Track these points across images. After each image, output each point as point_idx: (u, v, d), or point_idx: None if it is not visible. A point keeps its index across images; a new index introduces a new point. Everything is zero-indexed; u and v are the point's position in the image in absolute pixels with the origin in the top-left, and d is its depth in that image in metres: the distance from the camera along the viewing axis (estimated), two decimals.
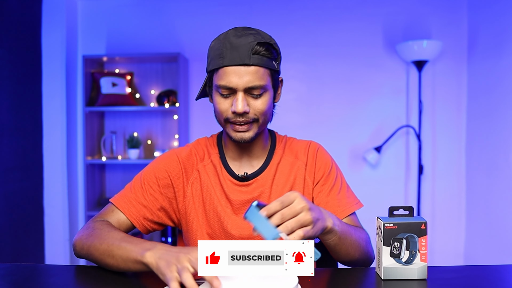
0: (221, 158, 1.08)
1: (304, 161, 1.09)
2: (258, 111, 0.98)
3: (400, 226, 0.83)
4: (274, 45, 0.98)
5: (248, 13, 2.91)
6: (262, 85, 0.96)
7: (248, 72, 0.94)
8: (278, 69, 1.01)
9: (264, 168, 1.07)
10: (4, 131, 2.39)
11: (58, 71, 2.74)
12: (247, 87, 0.95)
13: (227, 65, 0.94)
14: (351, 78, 2.87)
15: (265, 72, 0.96)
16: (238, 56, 0.93)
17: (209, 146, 1.11)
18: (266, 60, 0.95)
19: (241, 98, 0.95)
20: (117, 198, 1.05)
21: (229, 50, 0.94)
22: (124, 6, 2.97)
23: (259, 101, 0.97)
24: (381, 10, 2.85)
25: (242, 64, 0.93)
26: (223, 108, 0.98)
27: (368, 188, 2.83)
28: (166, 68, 2.97)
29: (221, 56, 0.95)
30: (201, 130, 2.95)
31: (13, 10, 2.45)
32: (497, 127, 2.45)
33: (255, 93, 0.96)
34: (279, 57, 1.01)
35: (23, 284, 0.84)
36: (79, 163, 2.95)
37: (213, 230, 1.05)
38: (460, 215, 2.85)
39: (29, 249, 2.63)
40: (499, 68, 2.43)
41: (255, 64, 0.94)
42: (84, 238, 0.95)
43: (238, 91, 0.95)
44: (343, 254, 0.94)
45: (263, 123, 1.01)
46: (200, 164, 1.08)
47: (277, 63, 1.00)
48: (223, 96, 0.97)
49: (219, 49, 0.95)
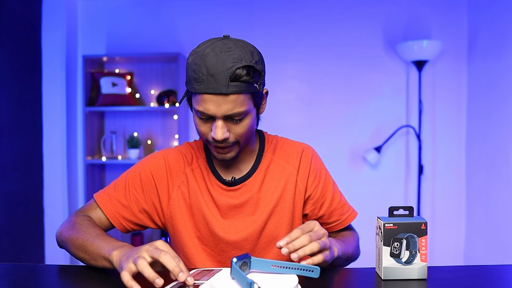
0: (208, 163, 1.05)
1: (296, 167, 1.06)
2: (239, 135, 0.94)
3: (400, 226, 0.83)
4: (255, 65, 0.89)
5: (248, 13, 2.91)
6: (243, 111, 0.90)
7: (227, 101, 0.87)
8: (260, 89, 0.94)
9: (252, 172, 1.04)
10: (4, 131, 2.38)
11: (58, 71, 2.74)
12: (226, 115, 0.90)
13: (204, 92, 0.87)
14: (351, 78, 2.87)
15: (245, 97, 0.90)
16: (215, 85, 0.86)
17: (197, 150, 1.08)
18: (246, 86, 0.88)
19: (220, 126, 0.90)
20: (100, 194, 1.06)
21: (206, 76, 0.86)
22: (124, 6, 2.97)
23: (239, 126, 0.93)
24: (381, 10, 2.85)
25: (220, 93, 0.87)
26: (203, 130, 0.94)
27: (368, 188, 2.83)
28: (166, 68, 2.96)
29: (198, 81, 0.88)
30: None
31: (13, 10, 2.45)
32: (497, 127, 2.45)
33: (235, 118, 0.91)
34: (262, 76, 0.93)
35: (23, 284, 0.84)
36: (79, 163, 2.95)
37: (201, 234, 1.04)
38: (460, 215, 2.85)
39: (29, 249, 2.63)
40: (499, 68, 2.43)
41: (234, 92, 0.87)
42: (64, 231, 0.98)
43: (217, 118, 0.90)
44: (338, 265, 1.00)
45: (245, 141, 0.98)
46: (188, 168, 1.06)
47: (259, 84, 0.93)
48: (202, 120, 0.93)
49: (195, 72, 0.88)
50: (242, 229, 1.03)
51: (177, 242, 1.06)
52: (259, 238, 1.04)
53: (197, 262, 1.05)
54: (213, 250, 1.05)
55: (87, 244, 0.90)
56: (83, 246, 0.91)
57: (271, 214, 1.04)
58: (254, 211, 1.04)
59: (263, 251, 1.04)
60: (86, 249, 0.90)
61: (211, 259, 1.05)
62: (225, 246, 1.03)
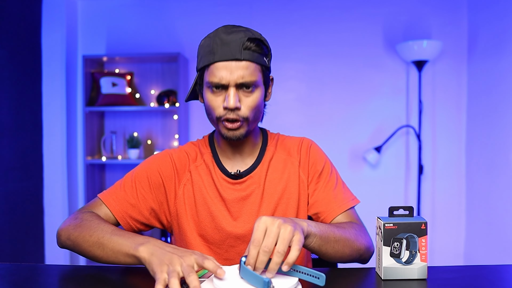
0: (214, 157, 1.07)
1: (297, 158, 1.08)
2: (250, 107, 0.97)
3: (400, 226, 0.83)
4: (264, 41, 0.98)
5: (248, 13, 2.91)
6: (254, 81, 0.95)
7: (240, 67, 0.93)
8: (268, 66, 1.00)
9: (257, 165, 1.06)
10: (4, 131, 2.38)
11: (58, 71, 2.74)
12: (239, 83, 0.94)
13: (218, 60, 0.93)
14: (351, 78, 2.87)
15: (256, 67, 0.96)
16: (229, 52, 0.93)
17: (201, 147, 1.10)
18: (257, 56, 0.95)
19: (233, 94, 0.94)
20: (105, 194, 1.03)
21: (220, 46, 0.93)
22: (124, 6, 2.97)
23: (251, 98, 0.97)
24: (381, 10, 2.85)
25: (233, 59, 0.93)
26: (214, 105, 0.97)
27: (368, 188, 2.83)
28: (166, 68, 2.96)
29: (212, 52, 0.94)
30: (201, 130, 2.95)
31: (13, 10, 2.45)
32: (497, 127, 2.45)
33: (247, 89, 0.96)
34: (270, 54, 1.01)
35: (23, 284, 0.84)
36: (79, 163, 2.95)
37: (206, 231, 1.04)
38: (460, 215, 2.85)
39: (29, 249, 2.63)
40: (499, 68, 2.43)
41: (246, 59, 0.94)
42: (71, 228, 0.93)
43: (230, 86, 0.94)
44: (331, 254, 0.90)
45: (253, 121, 1.00)
46: (192, 165, 1.07)
47: (267, 60, 1.00)
48: (214, 93, 0.96)
49: (209, 46, 0.95)
50: (249, 221, 1.03)
51: (182, 241, 1.07)
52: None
53: None
54: (219, 248, 1.04)
55: (104, 241, 0.86)
56: (99, 243, 0.87)
57: (277, 206, 1.05)
58: (260, 203, 1.04)
59: None
60: (103, 246, 0.86)
61: (217, 257, 1.05)
62: (232, 241, 1.03)
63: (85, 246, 0.89)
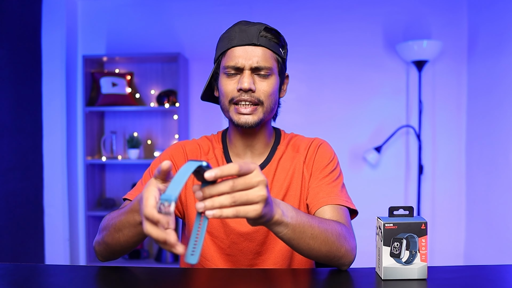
0: (225, 154, 1.09)
1: (304, 155, 1.08)
2: (264, 92, 0.98)
3: (400, 226, 0.83)
4: (280, 34, 1.02)
5: (248, 13, 2.91)
6: (269, 67, 0.98)
7: (255, 52, 0.97)
8: (284, 57, 1.03)
9: (266, 164, 1.07)
10: (4, 131, 2.38)
11: (58, 71, 2.74)
12: (254, 67, 0.97)
13: (236, 45, 0.97)
14: (351, 78, 2.87)
15: (272, 55, 0.99)
16: (246, 37, 0.97)
17: (214, 142, 1.12)
18: (273, 44, 0.99)
19: (247, 75, 0.97)
20: (128, 193, 1.04)
21: (238, 33, 0.98)
22: (124, 6, 2.97)
23: (265, 83, 0.99)
24: (381, 10, 2.85)
25: (250, 43, 0.97)
26: (229, 88, 0.99)
27: (368, 188, 2.83)
28: (166, 68, 2.96)
29: (230, 39, 0.99)
30: (201, 130, 2.95)
31: (13, 10, 2.45)
32: (497, 127, 2.45)
33: (262, 73, 0.98)
34: (286, 47, 1.04)
35: (23, 284, 0.84)
36: (79, 163, 2.95)
37: (212, 225, 1.04)
38: (460, 215, 2.85)
39: (29, 249, 2.63)
40: (499, 68, 2.43)
41: (263, 45, 0.97)
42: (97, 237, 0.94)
43: (245, 69, 0.97)
44: (304, 250, 0.82)
45: (267, 109, 1.00)
46: (204, 157, 1.09)
47: (283, 52, 1.03)
48: (229, 77, 0.99)
49: (228, 34, 1.00)
50: None
51: (188, 232, 1.08)
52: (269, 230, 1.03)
53: (206, 254, 1.05)
54: (223, 243, 1.04)
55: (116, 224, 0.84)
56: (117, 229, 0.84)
57: None
58: None
59: (274, 242, 1.04)
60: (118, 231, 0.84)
61: (220, 251, 1.05)
62: (235, 237, 1.03)
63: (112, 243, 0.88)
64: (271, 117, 1.06)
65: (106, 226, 0.90)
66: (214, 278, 0.89)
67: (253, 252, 1.04)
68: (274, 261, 1.04)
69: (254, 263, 1.05)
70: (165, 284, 0.85)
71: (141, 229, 0.79)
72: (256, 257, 1.04)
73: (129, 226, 0.81)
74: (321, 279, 0.88)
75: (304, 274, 0.93)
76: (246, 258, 1.04)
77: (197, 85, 2.95)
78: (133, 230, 0.81)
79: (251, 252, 1.04)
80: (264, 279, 0.88)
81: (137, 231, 0.81)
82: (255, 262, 1.05)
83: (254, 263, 1.05)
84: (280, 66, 1.02)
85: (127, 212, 0.81)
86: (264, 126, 1.06)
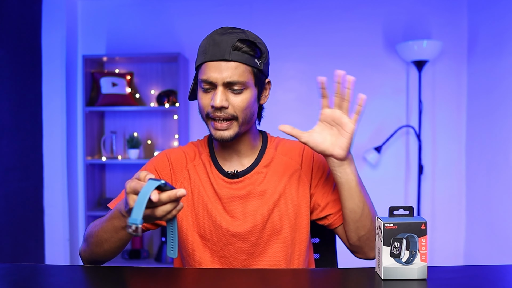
0: (211, 157, 1.09)
1: (298, 162, 1.09)
2: (237, 107, 0.98)
3: (400, 226, 0.83)
4: (258, 44, 0.99)
5: (248, 13, 2.91)
6: (242, 82, 0.97)
7: (228, 67, 0.96)
8: (261, 68, 1.00)
9: (254, 166, 1.07)
10: (4, 131, 2.39)
11: (58, 71, 2.74)
12: (226, 82, 0.96)
13: (208, 60, 0.97)
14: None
15: (246, 69, 0.97)
16: (218, 52, 0.96)
17: (200, 147, 1.12)
18: (247, 57, 0.97)
19: (219, 93, 0.96)
20: (112, 202, 1.08)
21: (212, 46, 0.97)
22: (124, 6, 2.97)
23: (238, 98, 0.98)
24: (381, 10, 2.85)
25: (222, 59, 0.95)
26: (204, 103, 1.00)
27: (368, 188, 2.80)
28: (166, 68, 2.96)
29: (204, 52, 0.98)
30: (201, 130, 2.95)
31: (13, 10, 2.45)
32: (497, 127, 2.45)
33: (235, 88, 0.97)
34: (264, 56, 1.01)
35: (23, 284, 0.84)
36: (79, 163, 2.95)
37: (204, 229, 1.05)
38: (460, 215, 2.85)
39: (29, 249, 2.63)
40: (499, 68, 2.43)
41: (235, 60, 0.96)
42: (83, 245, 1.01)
43: (218, 85, 0.97)
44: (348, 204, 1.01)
45: (243, 122, 1.00)
46: (190, 164, 1.09)
47: (260, 62, 1.00)
48: (204, 91, 0.99)
49: (204, 46, 0.99)
50: (245, 221, 1.04)
51: (179, 238, 1.07)
52: (263, 230, 1.04)
53: (199, 258, 1.05)
54: (216, 245, 1.05)
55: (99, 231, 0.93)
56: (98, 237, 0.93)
57: (275, 207, 1.05)
58: (256, 204, 1.04)
59: (267, 244, 1.05)
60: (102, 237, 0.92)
61: (213, 254, 1.05)
62: (228, 239, 1.04)
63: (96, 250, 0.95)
64: (249, 127, 1.05)
65: (89, 234, 0.97)
66: (214, 278, 0.89)
67: (246, 253, 1.04)
68: (269, 264, 1.04)
69: (248, 264, 1.05)
70: (165, 284, 0.85)
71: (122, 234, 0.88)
72: (250, 258, 1.05)
73: (112, 231, 0.89)
74: (321, 279, 0.88)
75: (304, 274, 0.93)
76: (239, 259, 1.04)
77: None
78: (115, 235, 0.89)
79: (244, 253, 1.04)
80: (264, 279, 0.88)
81: (119, 237, 0.89)
82: (248, 263, 1.05)
83: (248, 264, 1.05)
84: (257, 77, 1.00)
85: (108, 219, 0.89)
86: (247, 131, 1.06)
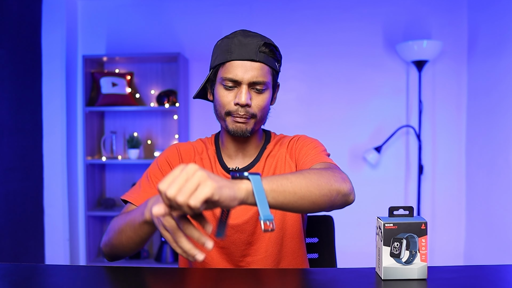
0: (217, 154, 1.15)
1: (286, 147, 1.14)
2: (258, 106, 1.04)
3: (400, 226, 0.83)
4: (277, 48, 1.06)
5: (248, 13, 2.91)
6: (265, 82, 1.03)
7: (254, 67, 1.01)
8: (279, 71, 1.09)
9: (255, 163, 1.12)
10: (4, 131, 2.39)
11: (58, 71, 2.74)
12: (252, 82, 1.01)
13: (235, 59, 1.01)
14: (351, 78, 2.87)
15: (268, 70, 1.04)
16: (246, 52, 1.00)
17: (207, 143, 1.19)
18: (271, 60, 1.04)
19: (245, 91, 1.01)
20: (127, 194, 1.08)
21: (238, 46, 1.01)
22: (124, 6, 2.97)
23: (260, 97, 1.04)
24: (381, 10, 2.85)
25: (249, 59, 1.00)
26: (225, 100, 1.03)
27: (368, 188, 2.83)
28: (166, 68, 2.96)
29: (230, 52, 1.01)
30: (201, 130, 2.95)
31: (13, 10, 2.45)
32: (497, 127, 2.45)
33: (258, 88, 1.03)
34: (280, 61, 1.10)
35: (23, 284, 0.84)
36: (79, 163, 2.95)
37: None
38: (460, 215, 2.85)
39: (29, 249, 2.63)
40: (499, 68, 2.43)
41: (261, 61, 1.01)
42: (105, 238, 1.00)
43: (243, 84, 1.01)
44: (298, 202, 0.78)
45: (260, 120, 1.07)
46: (197, 156, 1.15)
47: (278, 65, 1.08)
48: (227, 89, 1.03)
49: (227, 45, 1.02)
50: (243, 213, 1.07)
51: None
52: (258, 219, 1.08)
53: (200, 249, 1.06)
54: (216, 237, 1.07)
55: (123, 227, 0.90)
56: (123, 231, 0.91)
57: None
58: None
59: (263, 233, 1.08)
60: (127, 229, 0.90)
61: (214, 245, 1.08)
62: (227, 231, 1.08)
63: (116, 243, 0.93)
64: (261, 126, 1.12)
65: (112, 228, 0.97)
66: (215, 278, 0.89)
67: (245, 243, 1.09)
68: (266, 249, 1.09)
69: (247, 253, 1.09)
70: (165, 284, 0.85)
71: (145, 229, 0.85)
72: (248, 247, 1.09)
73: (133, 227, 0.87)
74: (321, 279, 0.88)
75: (304, 274, 0.93)
76: (238, 249, 1.09)
77: (197, 85, 2.95)
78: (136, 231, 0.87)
79: (242, 243, 1.08)
80: (263, 279, 0.89)
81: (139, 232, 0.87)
82: (247, 252, 1.09)
83: (247, 253, 1.09)
84: (274, 79, 1.08)
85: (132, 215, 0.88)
86: (256, 130, 1.11)
